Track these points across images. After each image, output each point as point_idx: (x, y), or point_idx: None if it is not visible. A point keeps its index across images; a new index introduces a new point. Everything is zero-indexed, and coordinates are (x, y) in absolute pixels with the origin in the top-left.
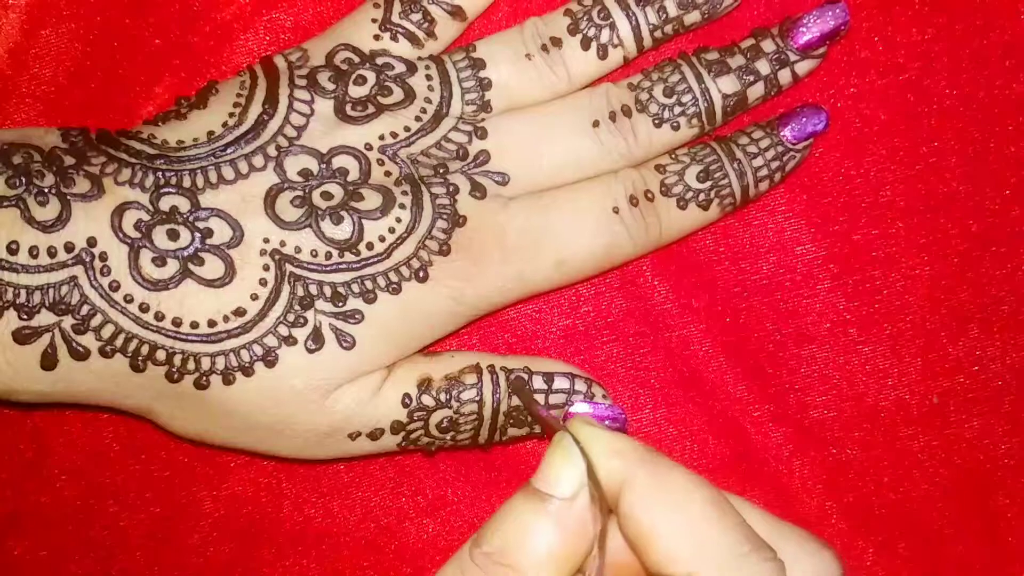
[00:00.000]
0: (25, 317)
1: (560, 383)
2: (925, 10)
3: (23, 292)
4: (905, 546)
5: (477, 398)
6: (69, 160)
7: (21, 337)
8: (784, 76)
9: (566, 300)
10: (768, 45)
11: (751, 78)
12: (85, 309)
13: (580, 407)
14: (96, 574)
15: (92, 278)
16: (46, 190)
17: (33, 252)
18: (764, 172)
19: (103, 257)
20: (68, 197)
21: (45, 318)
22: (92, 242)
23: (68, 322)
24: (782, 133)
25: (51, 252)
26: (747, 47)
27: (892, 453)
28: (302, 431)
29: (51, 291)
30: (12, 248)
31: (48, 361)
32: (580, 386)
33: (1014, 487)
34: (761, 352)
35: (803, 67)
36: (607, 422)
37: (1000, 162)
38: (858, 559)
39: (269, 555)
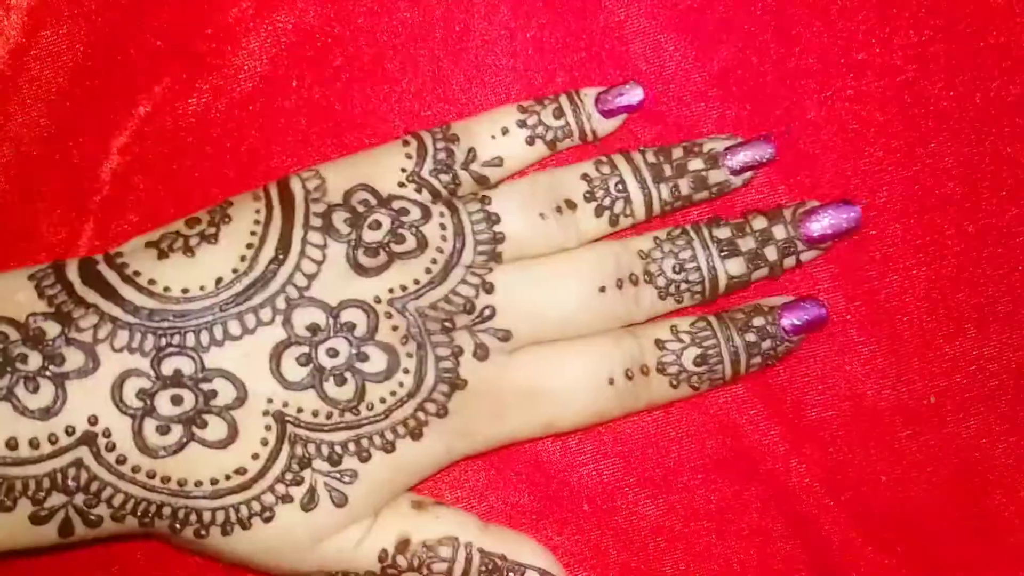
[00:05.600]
0: (37, 503)
1: None
2: (922, 12)
3: (32, 482)
4: (903, 545)
5: (446, 572)
6: (52, 330)
7: (37, 520)
8: (789, 262)
9: None
10: (779, 231)
11: (758, 263)
12: (95, 486)
13: None
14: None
15: (97, 456)
16: (34, 375)
17: (33, 443)
18: (757, 360)
19: (106, 433)
20: (61, 378)
21: (57, 499)
22: (93, 420)
23: (80, 499)
24: (782, 322)
25: (52, 440)
26: (759, 229)
27: (890, 452)
28: (282, 571)
29: (59, 475)
30: (11, 444)
31: (65, 531)
32: None
33: (1011, 486)
34: None
35: (807, 256)
36: None
37: (996, 163)
38: (855, 558)
39: None
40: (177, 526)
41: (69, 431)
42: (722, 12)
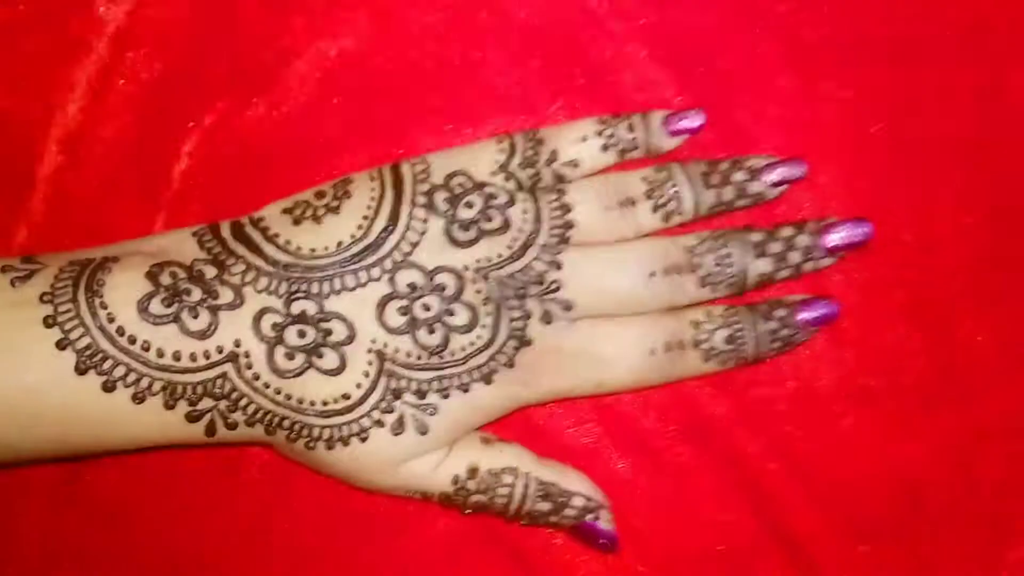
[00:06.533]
0: (192, 404)
1: (575, 503)
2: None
3: (189, 388)
4: (834, 502)
5: (507, 496)
6: (210, 272)
7: (191, 418)
8: (807, 267)
9: None
10: (802, 240)
11: (782, 264)
12: (235, 395)
13: None
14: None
15: (239, 372)
16: (195, 305)
17: (192, 357)
18: (776, 345)
19: (246, 355)
20: (215, 309)
21: (206, 403)
22: (237, 343)
23: (223, 404)
24: (799, 316)
25: (206, 355)
26: (786, 236)
27: (825, 425)
28: (371, 485)
29: (209, 384)
30: (176, 356)
31: (210, 431)
32: (591, 506)
33: (925, 460)
34: None
35: (824, 263)
36: (601, 540)
37: (946, 185)
38: (793, 513)
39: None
40: (292, 436)
41: (219, 350)
42: (704, 51)
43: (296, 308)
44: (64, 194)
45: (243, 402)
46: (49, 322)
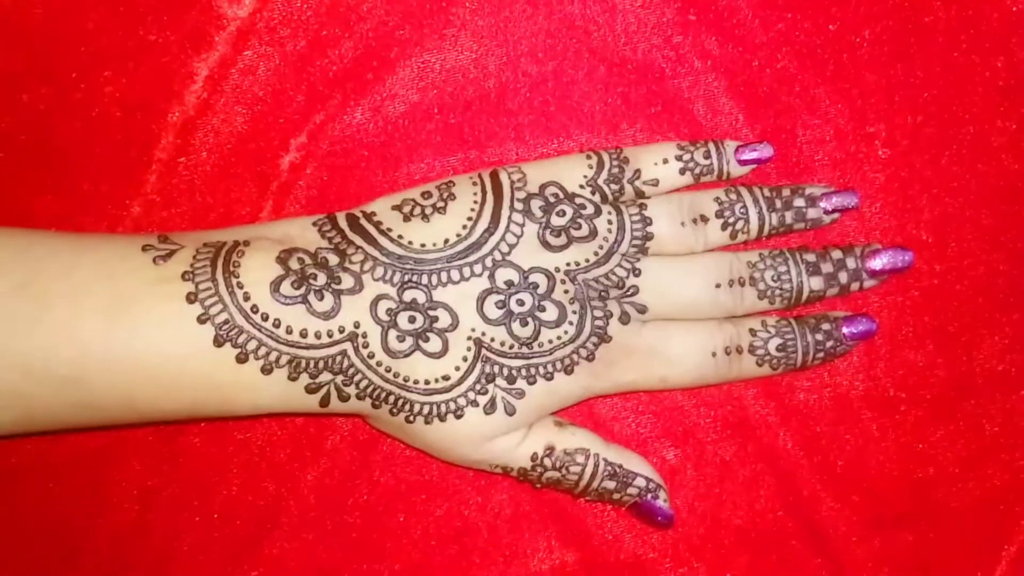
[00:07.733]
0: (312, 377)
1: (637, 483)
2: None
3: (312, 362)
4: (857, 497)
5: (578, 474)
6: (333, 259)
7: (310, 389)
8: (854, 287)
9: None
10: (851, 263)
11: (832, 282)
12: (351, 371)
13: None
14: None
15: (356, 350)
16: (321, 288)
17: (317, 335)
18: (820, 355)
19: (364, 335)
20: (338, 293)
21: (325, 377)
22: (356, 325)
23: (340, 379)
24: (842, 330)
25: (329, 334)
26: (836, 258)
27: (854, 429)
28: (459, 458)
29: (329, 360)
30: (303, 334)
31: (324, 402)
32: (651, 487)
33: (941, 463)
34: None
35: (868, 284)
36: (659, 518)
37: (963, 222)
38: (818, 504)
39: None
40: (394, 411)
41: (340, 330)
42: (767, 86)
43: (408, 296)
44: (177, 176)
45: (357, 377)
46: (191, 298)
